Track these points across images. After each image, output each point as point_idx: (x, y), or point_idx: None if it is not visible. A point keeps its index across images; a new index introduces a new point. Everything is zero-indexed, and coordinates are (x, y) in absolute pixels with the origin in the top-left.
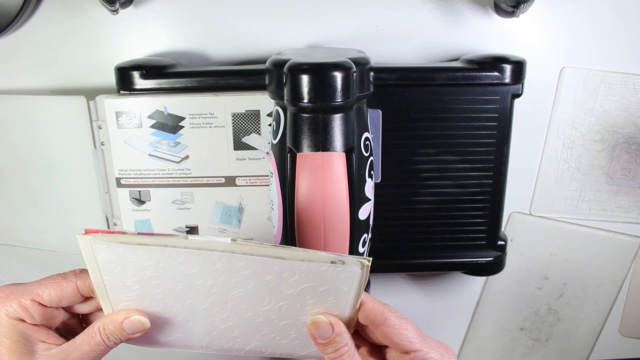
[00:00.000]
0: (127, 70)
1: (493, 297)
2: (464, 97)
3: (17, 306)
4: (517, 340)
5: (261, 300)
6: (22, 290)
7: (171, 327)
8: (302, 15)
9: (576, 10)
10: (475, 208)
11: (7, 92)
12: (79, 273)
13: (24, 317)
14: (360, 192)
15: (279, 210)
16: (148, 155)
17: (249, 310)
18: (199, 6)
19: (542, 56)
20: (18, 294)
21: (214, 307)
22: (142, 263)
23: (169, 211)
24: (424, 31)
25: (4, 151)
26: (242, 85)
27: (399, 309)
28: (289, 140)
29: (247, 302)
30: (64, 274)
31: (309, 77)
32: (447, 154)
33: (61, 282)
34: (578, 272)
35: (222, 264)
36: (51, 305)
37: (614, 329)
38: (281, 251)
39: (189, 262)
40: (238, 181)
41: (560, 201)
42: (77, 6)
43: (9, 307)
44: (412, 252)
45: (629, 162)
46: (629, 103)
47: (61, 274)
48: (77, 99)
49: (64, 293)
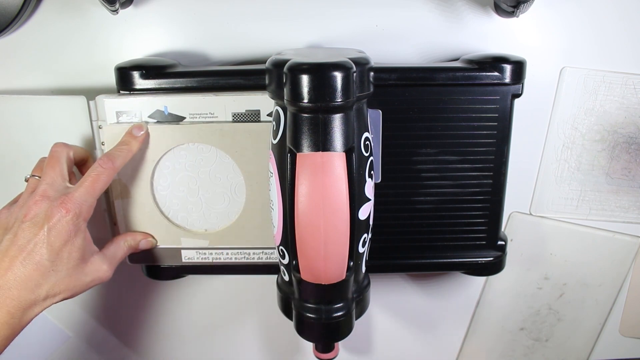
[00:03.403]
0: (127, 70)
1: (493, 297)
2: (464, 97)
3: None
4: (517, 340)
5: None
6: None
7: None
8: (302, 15)
9: (576, 10)
10: (475, 208)
11: (7, 92)
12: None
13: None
14: (360, 192)
15: (279, 210)
16: None
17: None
18: (199, 6)
19: (542, 56)
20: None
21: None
22: None
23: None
24: (424, 31)
25: (4, 151)
26: (242, 85)
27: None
28: (288, 140)
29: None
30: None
31: (309, 77)
32: (447, 154)
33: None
34: (578, 272)
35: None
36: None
37: (614, 329)
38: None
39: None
40: None
41: (560, 201)
42: (77, 6)
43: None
44: (412, 252)
45: (629, 162)
46: (629, 103)
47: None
48: (77, 99)
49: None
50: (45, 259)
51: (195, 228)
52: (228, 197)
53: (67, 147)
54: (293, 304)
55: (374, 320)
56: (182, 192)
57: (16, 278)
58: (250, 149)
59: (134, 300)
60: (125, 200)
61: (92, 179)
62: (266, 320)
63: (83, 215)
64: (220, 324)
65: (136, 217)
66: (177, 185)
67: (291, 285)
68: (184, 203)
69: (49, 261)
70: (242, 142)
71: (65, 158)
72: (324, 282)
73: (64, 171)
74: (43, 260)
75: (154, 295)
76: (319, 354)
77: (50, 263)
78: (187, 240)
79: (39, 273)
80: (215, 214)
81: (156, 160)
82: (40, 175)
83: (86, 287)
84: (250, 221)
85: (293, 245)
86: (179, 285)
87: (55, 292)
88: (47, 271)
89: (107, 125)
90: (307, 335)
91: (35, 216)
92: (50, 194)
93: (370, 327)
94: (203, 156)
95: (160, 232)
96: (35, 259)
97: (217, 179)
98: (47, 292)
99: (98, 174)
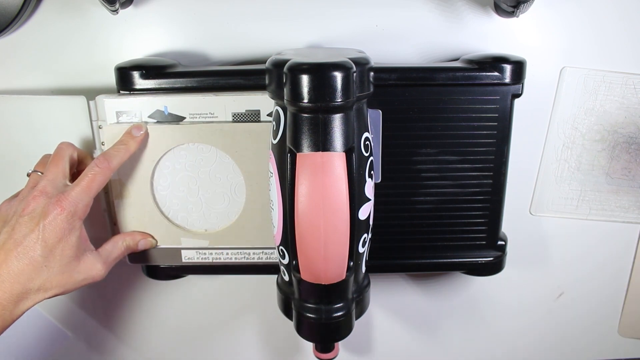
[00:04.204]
0: (127, 70)
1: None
2: (464, 97)
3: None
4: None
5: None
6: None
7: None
8: (302, 15)
9: (576, 10)
10: (475, 208)
11: (7, 92)
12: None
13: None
14: (360, 192)
15: (279, 211)
16: None
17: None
18: (199, 6)
19: (542, 56)
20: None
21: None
22: None
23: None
24: (424, 31)
25: (4, 151)
26: (242, 85)
27: (399, 309)
28: (288, 140)
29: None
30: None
31: (309, 77)
32: (447, 154)
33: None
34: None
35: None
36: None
37: (613, 329)
38: None
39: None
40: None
41: (560, 201)
42: (77, 6)
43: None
44: (412, 252)
45: (629, 162)
46: (629, 103)
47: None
48: (77, 99)
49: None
50: (38, 255)
51: (195, 228)
52: (228, 197)
53: (72, 148)
54: (293, 304)
55: (374, 320)
56: (182, 192)
57: (10, 271)
58: (250, 149)
59: (134, 300)
60: (125, 200)
61: (88, 178)
62: (266, 320)
63: (78, 214)
64: (220, 324)
65: (136, 217)
66: (177, 185)
67: (291, 285)
68: (184, 203)
69: (42, 257)
70: (242, 142)
71: (68, 157)
72: (324, 282)
73: (66, 170)
74: (36, 256)
75: (154, 295)
76: (319, 354)
77: (43, 259)
78: (187, 240)
79: (32, 268)
80: (215, 214)
81: (156, 161)
82: (42, 171)
83: (79, 285)
84: (250, 221)
85: (293, 245)
86: (178, 285)
87: (46, 287)
88: (40, 267)
89: (107, 125)
90: (307, 335)
91: (32, 211)
92: (49, 190)
93: (370, 327)
94: (203, 156)
95: (160, 232)
96: (30, 254)
97: (217, 179)
98: (38, 286)
99: (94, 173)
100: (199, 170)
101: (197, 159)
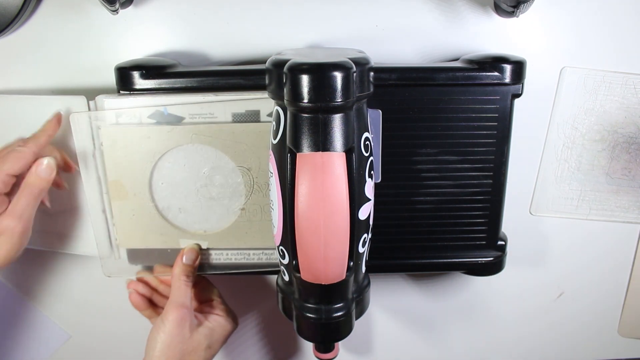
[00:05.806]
0: (127, 70)
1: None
2: (464, 97)
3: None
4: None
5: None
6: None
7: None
8: (302, 15)
9: (576, 10)
10: (475, 208)
11: (7, 92)
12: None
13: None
14: (360, 192)
15: (279, 211)
16: None
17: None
18: (199, 6)
19: (542, 56)
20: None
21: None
22: None
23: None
24: (424, 31)
25: None
26: (242, 85)
27: (399, 309)
28: (288, 140)
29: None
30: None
31: (309, 77)
32: (447, 154)
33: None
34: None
35: None
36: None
37: (612, 329)
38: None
39: None
40: None
41: (560, 201)
42: (77, 6)
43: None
44: (412, 252)
45: (629, 162)
46: (629, 103)
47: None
48: (77, 99)
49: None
50: None
51: (195, 229)
52: (227, 197)
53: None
54: (293, 304)
55: (374, 320)
56: (181, 193)
57: None
58: (250, 149)
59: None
60: (124, 201)
61: None
62: (266, 320)
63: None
64: None
65: (135, 218)
66: (176, 186)
67: (291, 285)
68: (183, 204)
69: None
70: (242, 142)
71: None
72: (323, 282)
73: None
74: None
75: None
76: (319, 354)
77: None
78: (187, 242)
79: None
80: (214, 214)
81: (155, 161)
82: (23, 144)
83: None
84: (249, 222)
85: (293, 245)
86: None
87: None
88: None
89: (107, 125)
90: (307, 335)
91: None
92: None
93: (370, 327)
94: (203, 156)
95: (159, 234)
96: None
97: (217, 180)
98: None
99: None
100: (198, 170)
101: (196, 160)
